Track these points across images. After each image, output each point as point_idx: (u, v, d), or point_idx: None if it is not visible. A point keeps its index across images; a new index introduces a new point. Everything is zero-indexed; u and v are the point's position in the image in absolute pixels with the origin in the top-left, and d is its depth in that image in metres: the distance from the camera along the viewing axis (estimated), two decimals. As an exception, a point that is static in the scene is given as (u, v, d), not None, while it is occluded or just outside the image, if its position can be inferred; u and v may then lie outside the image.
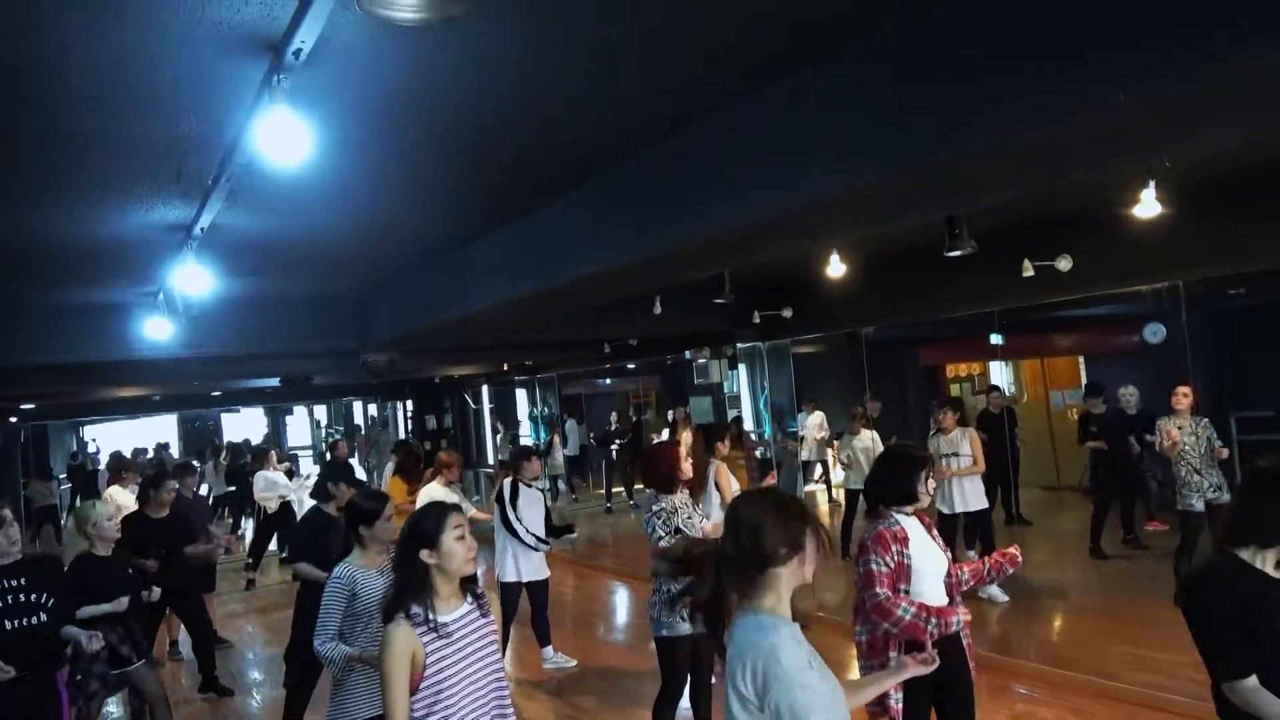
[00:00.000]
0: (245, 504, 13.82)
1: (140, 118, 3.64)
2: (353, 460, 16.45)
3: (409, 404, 17.39)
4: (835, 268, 8.04)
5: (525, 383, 17.38)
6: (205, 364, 10.28)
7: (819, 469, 13.21)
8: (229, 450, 16.92)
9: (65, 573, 4.58)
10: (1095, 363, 12.14)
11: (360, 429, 22.36)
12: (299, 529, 6.02)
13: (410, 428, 17.30)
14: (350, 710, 3.44)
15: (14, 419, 16.12)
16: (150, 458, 18.00)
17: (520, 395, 18.29)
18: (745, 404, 11.75)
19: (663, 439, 11.30)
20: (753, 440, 11.50)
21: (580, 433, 17.04)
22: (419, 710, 2.53)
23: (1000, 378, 13.04)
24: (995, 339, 10.73)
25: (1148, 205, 5.78)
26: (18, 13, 2.71)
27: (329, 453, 14.17)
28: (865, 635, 3.38)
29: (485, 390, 16.93)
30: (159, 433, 22.33)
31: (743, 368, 11.70)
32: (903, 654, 3.00)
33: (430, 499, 5.95)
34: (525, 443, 16.26)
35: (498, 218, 6.05)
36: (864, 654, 3.38)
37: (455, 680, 2.58)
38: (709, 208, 4.34)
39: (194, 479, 8.06)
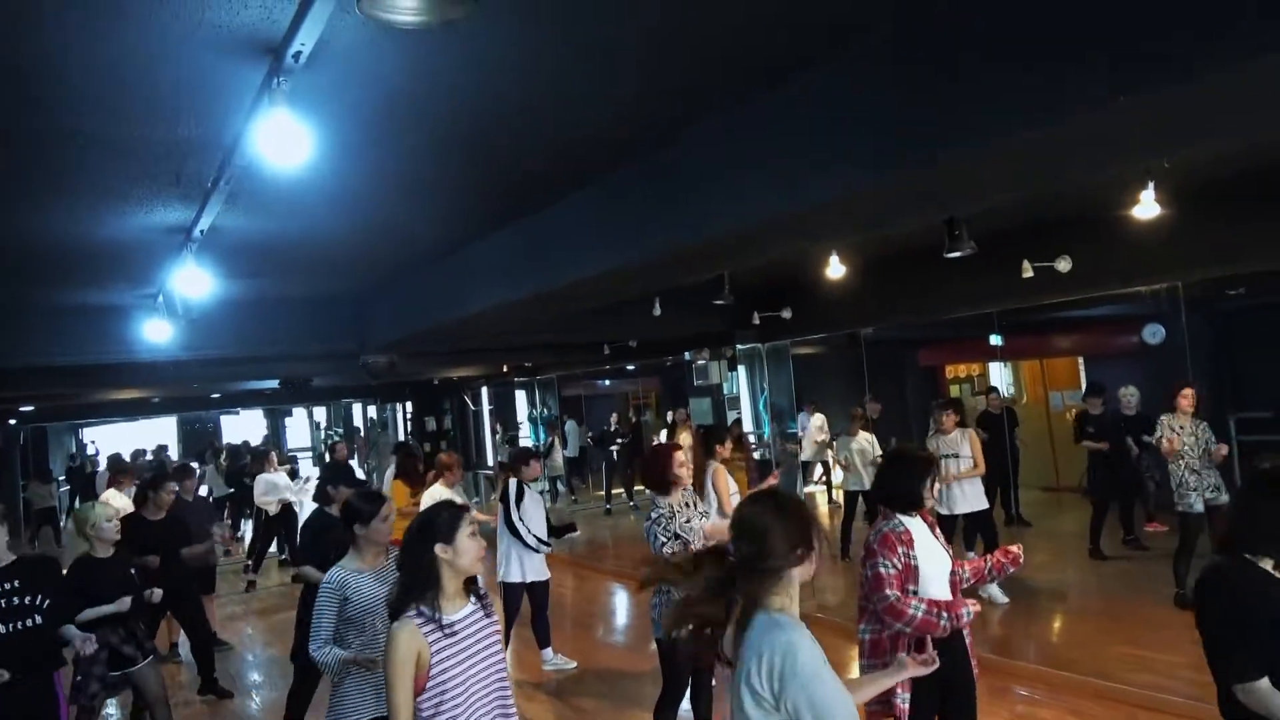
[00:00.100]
0: (244, 505, 13.81)
1: (140, 119, 3.64)
2: (352, 462, 16.43)
3: (408, 406, 17.37)
4: (834, 269, 8.05)
5: (525, 384, 17.38)
6: (205, 366, 10.25)
7: (819, 470, 13.21)
8: (228, 452, 16.92)
9: (63, 574, 4.57)
10: (1094, 364, 12.13)
11: (360, 431, 22.36)
12: (302, 533, 6.01)
13: (410, 429, 17.29)
14: (347, 714, 3.42)
15: (13, 421, 16.13)
16: (150, 460, 17.98)
17: (520, 397, 18.29)
18: (745, 405, 11.75)
19: (662, 441, 11.31)
20: (750, 442, 11.50)
21: (580, 434, 17.04)
22: (425, 710, 2.52)
23: (999, 379, 13.04)
24: (995, 340, 10.73)
25: (1147, 206, 5.79)
26: (18, 13, 2.71)
27: (328, 454, 14.16)
28: (869, 634, 3.38)
29: (485, 392, 16.90)
30: (158, 435, 22.35)
31: (742, 369, 11.71)
32: (910, 653, 3.01)
33: (435, 501, 5.93)
34: (524, 444, 16.27)
35: (497, 219, 6.05)
36: (867, 653, 3.38)
37: (460, 680, 2.57)
38: (708, 209, 4.34)
39: (193, 481, 8.06)
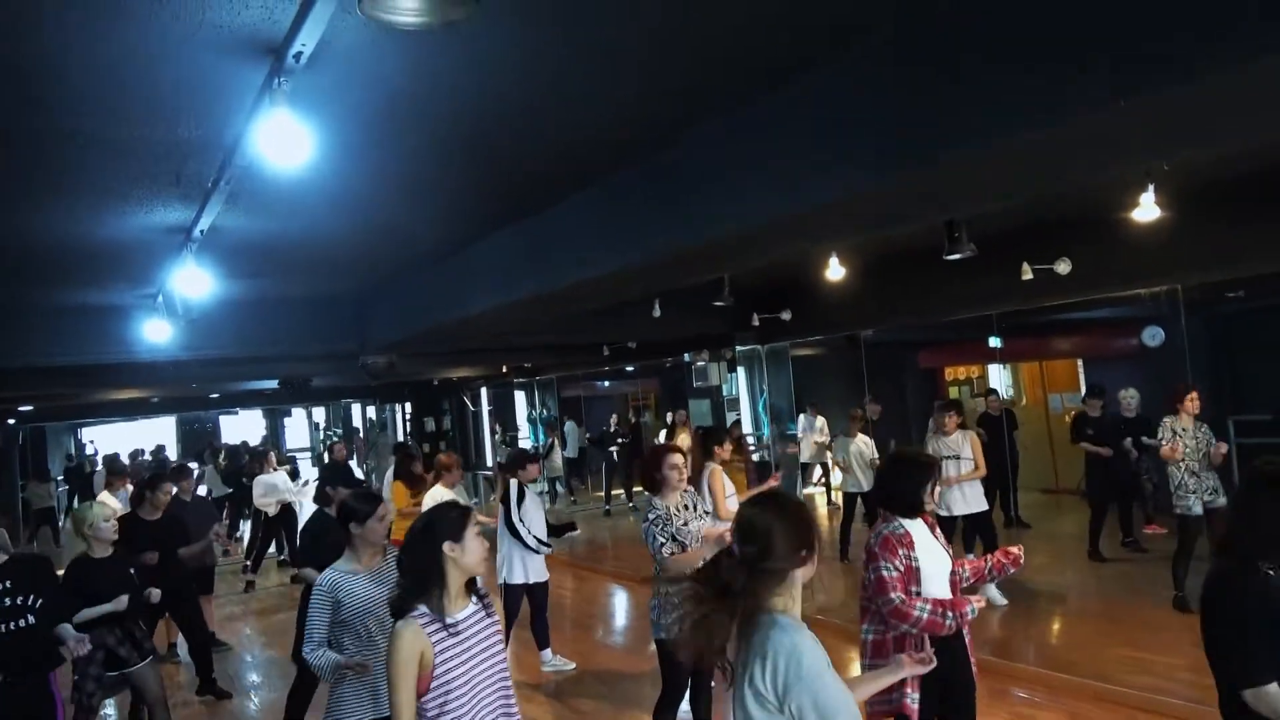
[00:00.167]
0: (243, 506, 13.81)
1: (140, 119, 3.64)
2: (351, 462, 16.43)
3: (408, 406, 17.37)
4: (834, 271, 8.04)
5: (524, 385, 17.38)
6: (204, 366, 10.26)
7: (818, 471, 13.21)
8: (226, 452, 16.91)
9: (56, 574, 4.55)
10: (1094, 366, 12.13)
11: (359, 431, 22.36)
12: (302, 535, 6.01)
13: (409, 430, 17.29)
14: (345, 715, 3.40)
15: (12, 421, 16.12)
16: (149, 460, 17.98)
17: (519, 397, 18.29)
18: (744, 407, 11.75)
19: (661, 442, 11.30)
20: (749, 444, 11.49)
21: (579, 435, 17.04)
22: (430, 710, 2.50)
23: (999, 381, 13.05)
24: (994, 342, 10.73)
25: (1147, 209, 5.78)
26: (18, 13, 2.71)
27: (327, 455, 14.16)
28: (872, 635, 3.38)
29: (484, 392, 16.91)
30: (157, 435, 22.36)
31: (742, 370, 11.71)
32: (907, 651, 3.01)
33: (436, 502, 5.93)
34: (523, 445, 16.28)
35: (498, 220, 6.05)
36: (869, 654, 3.39)
37: (465, 679, 2.56)
38: (709, 210, 4.34)
39: (190, 482, 8.05)
